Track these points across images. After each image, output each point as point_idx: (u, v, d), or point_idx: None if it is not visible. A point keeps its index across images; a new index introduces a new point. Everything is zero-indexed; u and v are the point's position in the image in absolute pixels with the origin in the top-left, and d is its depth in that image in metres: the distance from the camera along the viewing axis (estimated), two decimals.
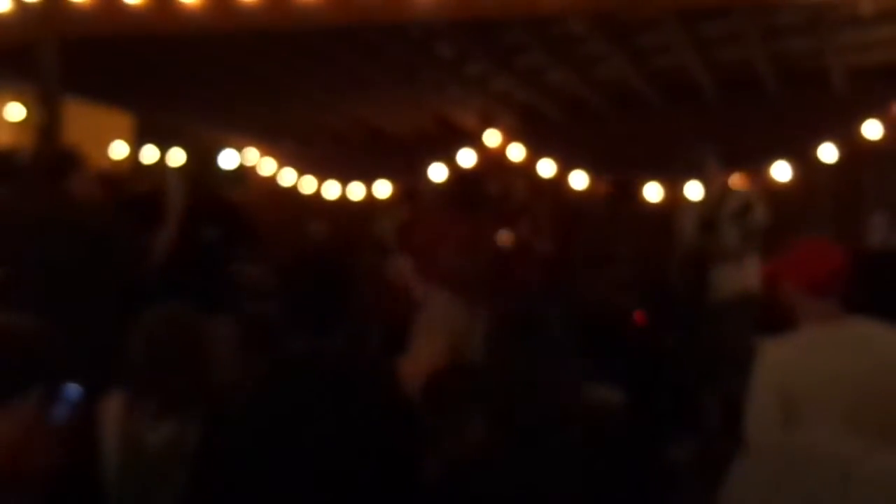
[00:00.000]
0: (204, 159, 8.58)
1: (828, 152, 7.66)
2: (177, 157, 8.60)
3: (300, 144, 9.89)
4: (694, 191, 6.71)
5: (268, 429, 2.24)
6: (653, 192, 8.12)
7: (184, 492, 2.44)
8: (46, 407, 1.67)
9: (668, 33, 6.65)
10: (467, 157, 8.46)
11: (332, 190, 9.56)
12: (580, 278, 6.14)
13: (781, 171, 7.78)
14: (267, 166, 9.71)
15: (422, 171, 8.51)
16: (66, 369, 1.73)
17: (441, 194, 6.04)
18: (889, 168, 7.61)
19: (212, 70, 7.21)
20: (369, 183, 9.33)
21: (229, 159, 8.59)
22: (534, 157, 8.47)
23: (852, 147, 7.58)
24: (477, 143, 8.51)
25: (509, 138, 8.55)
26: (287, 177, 9.71)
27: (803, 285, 2.52)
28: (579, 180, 8.42)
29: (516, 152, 8.50)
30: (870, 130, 7.50)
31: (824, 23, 6.39)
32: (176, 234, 4.45)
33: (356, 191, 9.45)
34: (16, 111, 7.55)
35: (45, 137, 5.46)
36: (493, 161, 8.37)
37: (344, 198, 9.50)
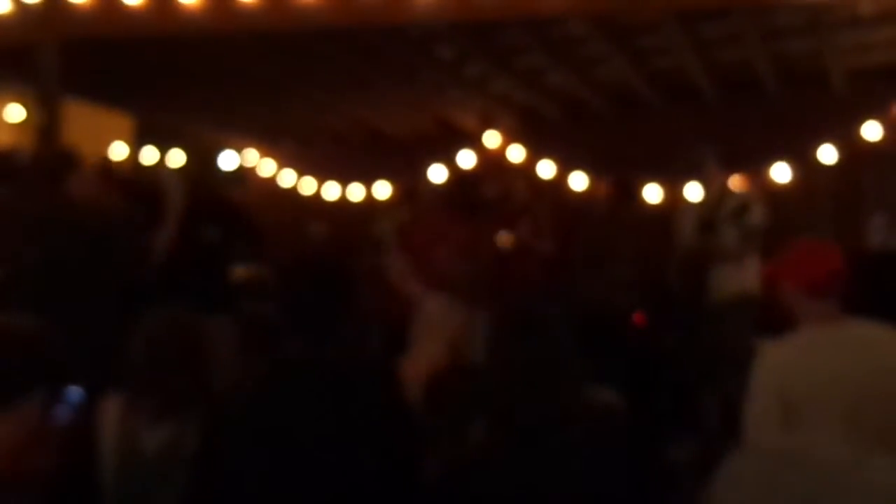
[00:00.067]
0: (204, 160, 8.59)
1: (827, 153, 7.66)
2: (176, 158, 8.61)
3: (300, 145, 9.89)
4: (693, 192, 6.71)
5: (268, 430, 2.24)
6: (653, 192, 8.12)
7: (183, 494, 2.44)
8: (49, 409, 1.67)
9: (668, 34, 6.65)
10: (467, 159, 8.46)
11: (331, 191, 9.56)
12: (580, 279, 6.14)
13: (781, 173, 7.78)
14: (267, 167, 9.71)
15: (421, 172, 8.52)
16: (69, 371, 1.73)
17: (439, 196, 6.02)
18: (889, 169, 7.61)
19: (211, 71, 7.21)
20: (369, 184, 9.33)
21: (229, 160, 8.59)
22: (533, 158, 8.47)
23: (852, 148, 7.58)
24: (477, 145, 8.51)
25: (509, 139, 8.55)
26: (287, 178, 9.71)
27: (802, 286, 2.52)
28: (579, 181, 8.42)
29: (516, 153, 8.50)
30: (869, 131, 7.50)
31: (824, 24, 6.39)
32: (176, 233, 4.46)
33: (356, 192, 9.45)
34: (16, 112, 7.55)
35: (45, 138, 5.46)
36: (492, 162, 8.37)
37: (344, 199, 9.50)
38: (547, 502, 2.18)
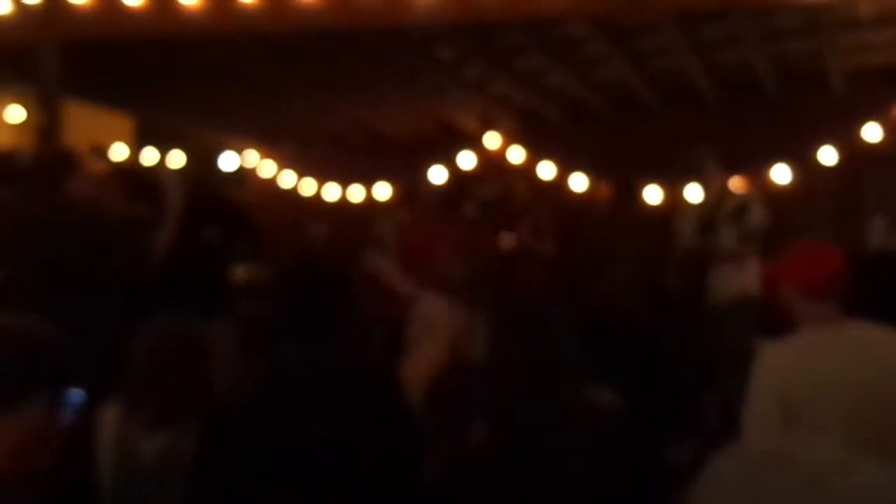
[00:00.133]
0: (204, 161, 8.59)
1: (827, 155, 7.66)
2: (177, 159, 8.61)
3: (300, 146, 9.89)
4: (693, 193, 6.71)
5: (268, 431, 2.24)
6: (652, 193, 8.12)
7: (181, 498, 2.44)
8: (51, 410, 1.67)
9: (668, 35, 6.66)
10: (467, 160, 8.46)
11: (331, 192, 9.56)
12: (580, 279, 6.14)
13: (781, 174, 7.78)
14: (267, 168, 9.71)
15: (421, 173, 8.52)
16: (72, 373, 1.73)
17: (437, 197, 6.01)
18: (889, 171, 7.61)
19: (212, 72, 7.22)
20: (369, 185, 9.33)
21: (229, 161, 8.59)
22: (533, 159, 8.47)
23: (852, 149, 7.58)
24: (477, 146, 8.52)
25: (509, 140, 8.55)
26: (287, 179, 9.71)
27: (802, 288, 2.52)
28: (579, 182, 8.42)
29: (516, 154, 8.50)
30: (869, 133, 7.50)
31: (823, 25, 6.40)
32: (175, 233, 4.46)
33: (356, 193, 9.45)
34: (16, 113, 7.55)
35: (46, 139, 5.47)
36: (492, 163, 8.37)
37: (344, 200, 9.50)
38: (547, 502, 2.18)
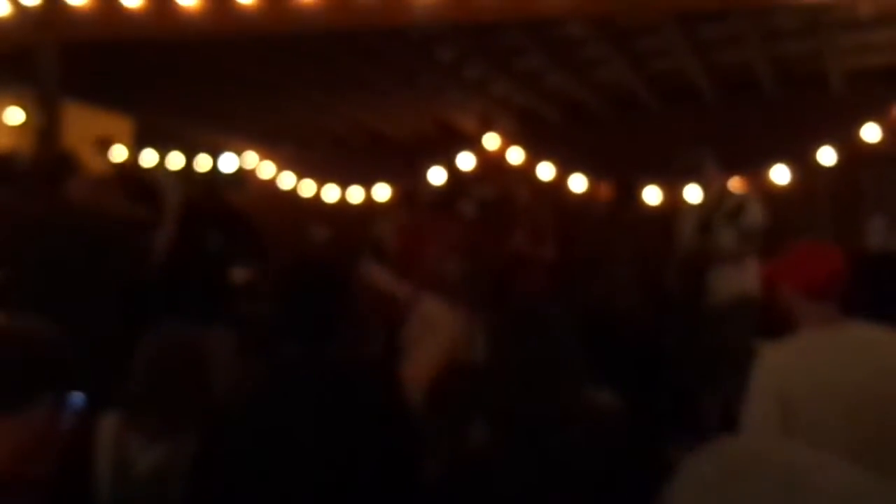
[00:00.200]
0: (204, 163, 8.59)
1: (827, 155, 7.66)
2: (176, 160, 8.61)
3: (299, 148, 9.89)
4: (693, 193, 6.71)
5: (268, 432, 2.24)
6: (652, 194, 8.12)
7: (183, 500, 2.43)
8: (53, 413, 1.67)
9: (667, 36, 6.65)
10: (466, 161, 8.46)
11: (331, 193, 9.56)
12: (580, 280, 6.14)
13: (780, 174, 7.78)
14: (266, 170, 9.71)
15: (421, 174, 8.52)
16: (74, 376, 1.73)
17: (434, 197, 5.99)
18: (888, 171, 7.61)
19: (211, 74, 7.21)
20: (369, 186, 9.33)
21: (229, 163, 8.60)
22: (533, 160, 8.47)
23: (851, 150, 7.58)
24: (476, 147, 8.52)
25: (508, 141, 8.55)
26: (286, 180, 9.71)
27: (802, 288, 2.51)
28: (579, 183, 8.42)
29: (516, 155, 8.50)
30: (869, 133, 7.50)
31: (823, 25, 6.40)
32: (175, 234, 4.45)
33: (356, 194, 9.45)
34: (15, 115, 7.55)
35: (45, 141, 5.46)
36: (492, 164, 8.37)
37: (343, 201, 9.50)
38: (547, 503, 2.18)
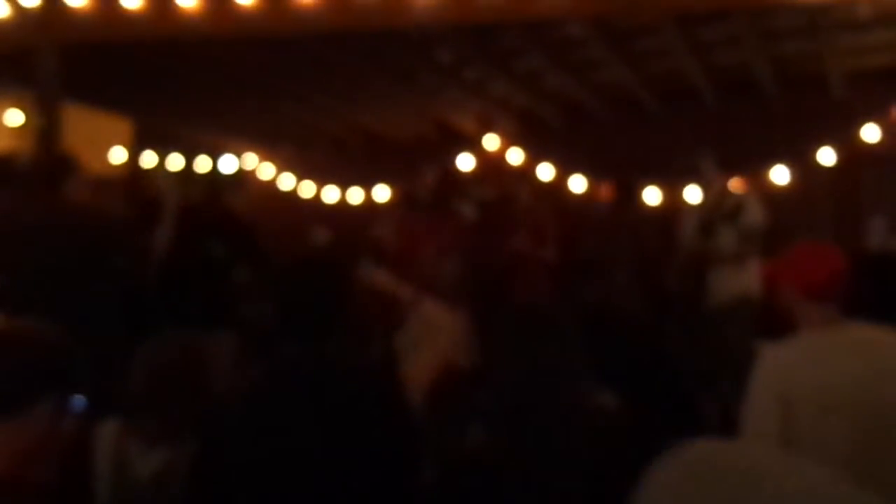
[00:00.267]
0: (203, 164, 8.59)
1: (826, 156, 7.66)
2: (176, 161, 8.61)
3: (299, 149, 9.89)
4: (693, 195, 6.71)
5: (267, 434, 2.24)
6: (652, 195, 8.12)
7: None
8: (56, 417, 1.67)
9: (667, 37, 6.66)
10: (466, 162, 8.46)
11: (331, 194, 9.56)
12: (581, 281, 6.13)
13: (780, 175, 7.78)
14: (266, 171, 9.71)
15: (419, 175, 8.50)
16: (76, 379, 1.73)
17: (429, 198, 5.94)
18: (888, 172, 7.61)
19: (211, 75, 7.22)
20: (368, 187, 9.33)
21: (229, 164, 8.60)
22: (533, 161, 8.47)
23: (851, 151, 7.58)
24: (476, 148, 8.52)
25: (508, 142, 8.55)
26: (286, 181, 9.71)
27: (802, 289, 2.50)
28: (578, 184, 8.42)
29: (515, 156, 8.50)
30: (868, 134, 7.50)
31: (822, 26, 6.40)
32: (174, 235, 4.45)
33: (355, 195, 9.45)
34: (15, 117, 7.55)
35: (45, 143, 5.46)
36: (492, 165, 8.37)
37: (343, 202, 9.50)
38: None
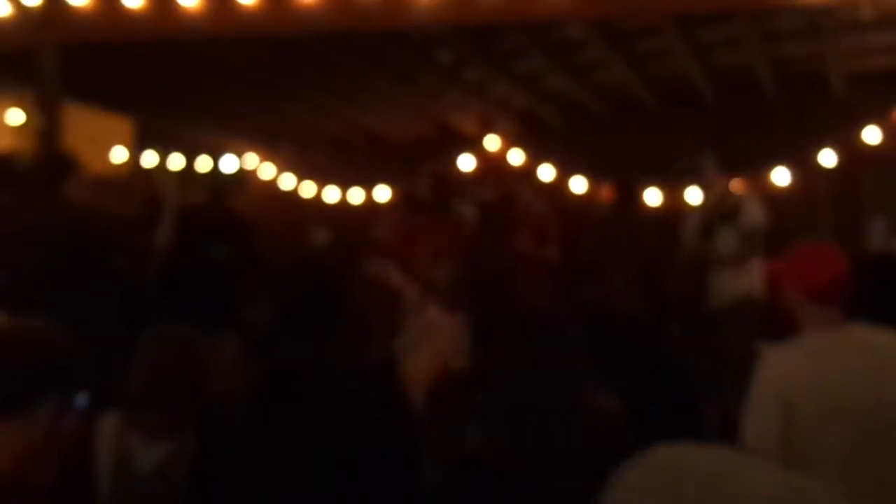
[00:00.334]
0: (204, 164, 8.59)
1: (827, 157, 7.66)
2: (176, 161, 8.61)
3: (300, 149, 9.89)
4: (694, 196, 6.71)
5: (267, 435, 2.23)
6: (653, 197, 8.12)
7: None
8: (59, 415, 1.67)
9: (668, 39, 6.66)
10: (467, 162, 8.46)
11: (332, 194, 9.56)
12: (583, 283, 6.13)
13: (781, 176, 7.78)
14: (267, 171, 9.71)
15: (418, 176, 8.50)
16: (79, 377, 1.73)
17: (425, 199, 5.92)
18: (888, 173, 7.61)
19: (212, 75, 7.22)
20: (369, 188, 9.33)
21: (230, 164, 8.60)
22: (533, 162, 8.47)
23: (852, 152, 7.58)
24: (477, 148, 8.52)
25: (509, 143, 8.55)
26: (287, 181, 9.71)
27: (804, 291, 2.49)
28: (579, 185, 8.42)
29: (516, 157, 8.50)
30: (869, 135, 7.50)
31: (824, 28, 6.40)
32: (175, 236, 4.45)
33: (356, 195, 9.45)
34: (16, 116, 7.55)
35: (46, 142, 5.46)
36: (493, 166, 8.37)
37: (344, 202, 9.50)
38: None
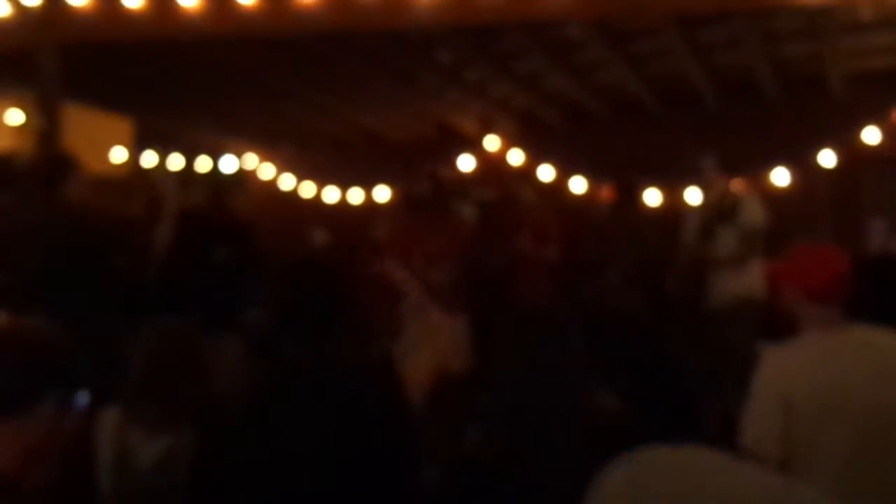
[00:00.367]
0: (204, 164, 8.59)
1: (827, 157, 7.67)
2: (176, 161, 8.61)
3: (300, 149, 9.89)
4: (694, 196, 6.71)
5: (266, 435, 2.23)
6: (653, 197, 8.13)
7: (181, 501, 2.42)
8: (61, 414, 1.67)
9: (667, 39, 6.66)
10: (467, 162, 8.46)
11: (331, 195, 9.56)
12: (583, 283, 6.13)
13: (780, 177, 7.79)
14: (267, 171, 9.71)
15: (416, 177, 8.49)
16: (80, 376, 1.73)
17: (422, 199, 5.91)
18: (888, 173, 7.61)
19: (211, 75, 7.22)
20: (369, 188, 9.33)
21: (229, 164, 8.60)
22: (533, 162, 8.47)
23: (851, 152, 7.58)
24: (477, 149, 8.52)
25: (509, 143, 8.55)
26: (287, 181, 9.71)
27: (805, 291, 2.49)
28: (579, 185, 8.43)
29: (516, 157, 8.50)
30: (869, 136, 7.51)
31: (823, 28, 6.40)
32: (177, 237, 4.45)
33: (356, 196, 9.45)
34: (16, 116, 7.54)
35: (45, 142, 5.46)
36: (492, 166, 8.37)
37: (344, 202, 9.50)
38: None
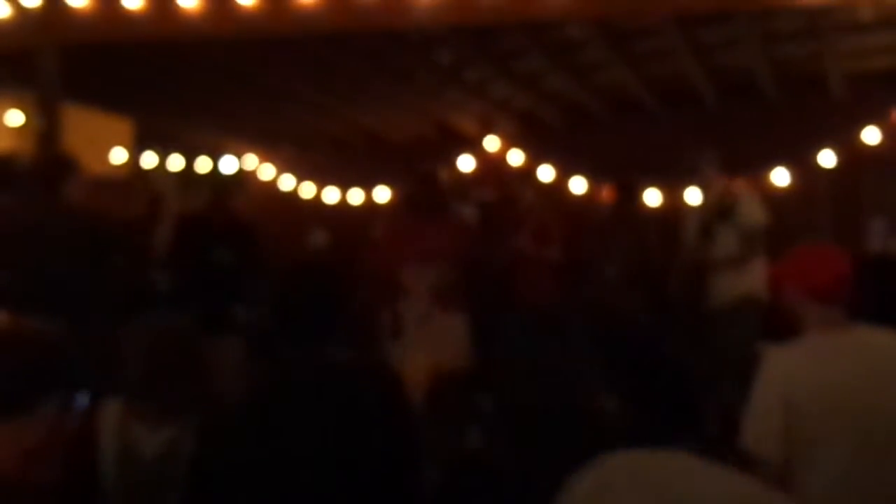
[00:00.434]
0: (204, 165, 8.59)
1: (827, 158, 7.67)
2: (176, 162, 8.62)
3: (300, 149, 9.89)
4: (694, 196, 6.71)
5: (267, 435, 2.24)
6: (653, 197, 8.13)
7: (184, 496, 2.43)
8: (62, 414, 1.67)
9: (667, 39, 6.66)
10: (467, 163, 8.47)
11: (331, 195, 9.56)
12: (583, 283, 6.13)
13: (780, 177, 7.79)
14: (266, 171, 9.71)
15: (418, 176, 8.49)
16: (82, 377, 1.74)
17: (408, 198, 5.90)
18: (888, 174, 7.62)
19: (211, 76, 7.22)
20: (369, 188, 9.33)
21: (229, 165, 8.61)
22: (533, 162, 8.47)
23: (851, 153, 7.59)
24: (477, 149, 8.52)
25: (509, 144, 8.56)
26: (286, 182, 9.71)
27: (807, 292, 2.49)
28: (579, 186, 8.43)
29: (516, 158, 8.51)
30: (869, 136, 7.51)
31: (823, 29, 6.40)
32: (178, 238, 4.47)
33: (356, 196, 9.45)
34: (16, 117, 7.54)
35: (45, 143, 5.46)
36: (492, 167, 8.37)
37: (343, 203, 9.50)
38: None
